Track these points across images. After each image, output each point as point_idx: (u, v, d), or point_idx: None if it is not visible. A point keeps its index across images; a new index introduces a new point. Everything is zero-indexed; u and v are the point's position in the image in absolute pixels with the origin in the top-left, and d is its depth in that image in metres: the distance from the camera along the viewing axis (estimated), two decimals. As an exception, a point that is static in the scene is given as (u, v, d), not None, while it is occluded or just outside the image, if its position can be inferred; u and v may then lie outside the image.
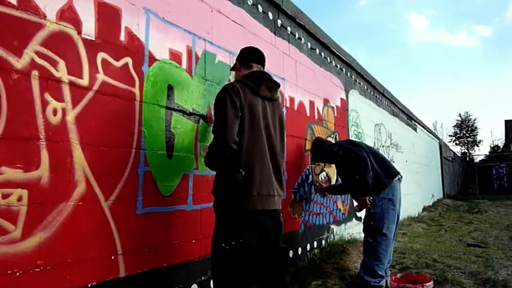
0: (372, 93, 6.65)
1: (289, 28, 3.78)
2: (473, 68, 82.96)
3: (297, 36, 3.95)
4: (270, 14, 3.45)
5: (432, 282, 2.75)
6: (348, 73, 5.44)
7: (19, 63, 1.53)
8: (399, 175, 3.30)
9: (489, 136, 78.36)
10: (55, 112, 1.65)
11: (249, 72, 2.13)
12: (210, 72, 2.61)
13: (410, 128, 9.87)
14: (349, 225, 4.99)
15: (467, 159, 31.24)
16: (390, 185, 3.17)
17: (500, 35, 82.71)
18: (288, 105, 3.60)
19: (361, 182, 3.05)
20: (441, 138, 21.03)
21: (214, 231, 1.99)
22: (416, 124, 10.72)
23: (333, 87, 4.83)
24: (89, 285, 1.74)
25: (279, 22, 3.60)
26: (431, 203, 11.60)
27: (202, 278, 2.39)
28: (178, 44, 2.35)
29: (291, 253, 3.46)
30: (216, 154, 1.90)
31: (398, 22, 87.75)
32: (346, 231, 4.82)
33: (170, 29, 2.30)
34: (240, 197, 1.89)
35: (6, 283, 1.45)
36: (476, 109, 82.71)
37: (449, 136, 42.77)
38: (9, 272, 1.46)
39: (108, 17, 1.91)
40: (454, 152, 24.18)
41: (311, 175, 4.02)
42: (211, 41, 2.65)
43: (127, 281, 1.91)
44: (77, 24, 1.76)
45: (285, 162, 3.27)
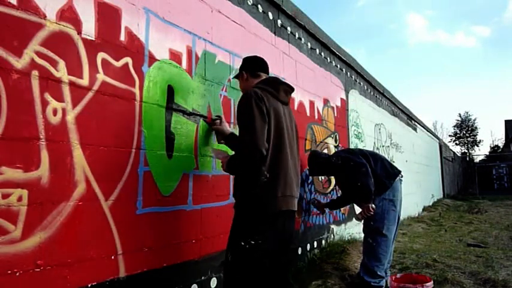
0: (372, 93, 6.65)
1: (289, 28, 3.78)
2: (473, 68, 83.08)
3: (297, 36, 3.95)
4: (270, 14, 3.45)
5: (432, 282, 2.75)
6: (348, 73, 5.44)
7: (19, 63, 1.53)
8: (400, 175, 3.30)
9: (489, 136, 78.44)
10: (55, 112, 1.65)
11: (262, 79, 2.15)
12: (210, 72, 2.61)
13: (410, 128, 9.87)
14: (349, 225, 4.99)
15: (467, 159, 31.25)
16: (392, 186, 3.17)
17: (499, 36, 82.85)
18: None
19: (363, 189, 3.02)
20: (441, 138, 21.02)
21: (232, 228, 2.00)
22: (416, 124, 10.72)
23: (333, 87, 4.83)
24: (89, 285, 1.74)
25: (279, 22, 3.60)
26: (431, 203, 11.60)
27: (202, 278, 2.39)
28: (178, 44, 2.35)
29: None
30: (247, 160, 1.90)
31: (397, 22, 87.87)
32: (346, 231, 4.82)
33: (170, 29, 2.30)
34: (266, 198, 1.91)
35: (6, 283, 1.45)
36: (476, 109, 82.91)
37: (449, 136, 42.82)
38: (9, 272, 1.46)
39: (108, 17, 1.91)
40: (454, 152, 24.18)
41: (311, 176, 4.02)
42: (211, 41, 2.65)
43: (127, 281, 1.91)
44: (77, 24, 1.76)
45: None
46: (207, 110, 2.56)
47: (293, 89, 2.22)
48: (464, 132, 42.44)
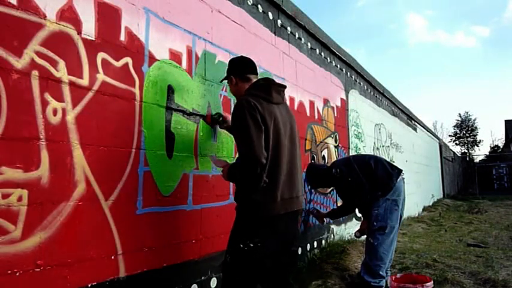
0: (372, 93, 6.65)
1: (289, 28, 3.78)
2: (473, 68, 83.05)
3: (297, 36, 3.95)
4: (270, 14, 3.45)
5: (432, 282, 2.75)
6: (348, 73, 5.44)
7: (19, 63, 1.53)
8: (402, 174, 3.31)
9: (489, 136, 78.40)
10: (55, 112, 1.65)
11: (253, 83, 2.10)
12: (210, 72, 2.61)
13: (410, 128, 9.87)
14: (349, 225, 4.99)
15: (467, 159, 31.24)
16: (395, 186, 3.18)
17: (498, 36, 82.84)
18: (288, 105, 3.59)
19: (359, 206, 3.16)
20: (441, 138, 21.02)
21: (233, 229, 2.00)
22: (416, 124, 10.72)
23: (333, 87, 4.83)
24: (89, 285, 1.74)
25: (279, 22, 3.60)
26: (431, 203, 11.60)
27: (202, 278, 2.39)
28: (178, 44, 2.35)
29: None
30: (247, 172, 1.88)
31: (397, 22, 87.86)
32: (346, 231, 4.82)
33: (170, 29, 2.30)
34: (264, 203, 1.90)
35: (6, 283, 1.45)
36: (476, 109, 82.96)
37: (449, 136, 42.83)
38: (9, 272, 1.46)
39: (108, 17, 1.91)
40: (454, 152, 24.18)
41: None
42: (211, 41, 2.65)
43: (127, 281, 1.91)
44: (77, 24, 1.76)
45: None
46: (207, 110, 2.56)
47: (285, 87, 2.18)
48: (464, 132, 42.45)
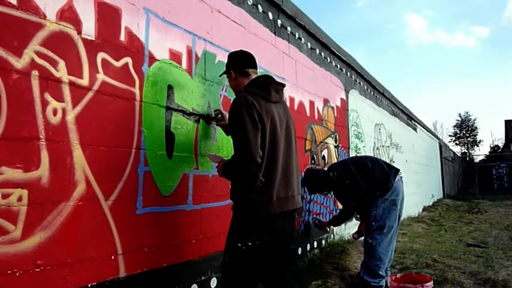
0: (372, 93, 6.65)
1: (289, 28, 3.78)
2: (473, 68, 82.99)
3: (297, 36, 3.95)
4: (270, 14, 3.45)
5: (432, 282, 2.75)
6: (348, 73, 5.44)
7: (19, 63, 1.53)
8: (399, 174, 3.31)
9: (489, 136, 78.39)
10: (55, 112, 1.65)
11: (252, 80, 2.08)
12: (210, 72, 2.61)
13: (410, 128, 9.87)
14: (349, 225, 4.99)
15: (467, 159, 31.23)
16: (393, 186, 3.18)
17: (498, 36, 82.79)
18: (288, 105, 3.59)
19: (358, 208, 3.20)
20: (441, 138, 21.02)
21: (230, 229, 1.99)
22: (416, 124, 10.72)
23: (333, 87, 4.83)
24: (89, 285, 1.74)
25: (279, 22, 3.60)
26: (431, 203, 11.60)
27: (202, 278, 2.39)
28: (178, 44, 2.35)
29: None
30: (242, 170, 1.87)
31: (397, 22, 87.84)
32: (346, 231, 4.82)
33: (170, 29, 2.30)
34: (260, 202, 1.89)
35: (6, 283, 1.45)
36: (476, 109, 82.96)
37: (449, 136, 42.81)
38: (9, 272, 1.46)
39: (108, 17, 1.91)
40: (454, 152, 24.18)
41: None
42: (211, 41, 2.65)
43: (127, 281, 1.91)
44: (77, 24, 1.76)
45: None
46: (207, 110, 2.57)
47: (284, 85, 2.16)
48: (464, 132, 42.44)
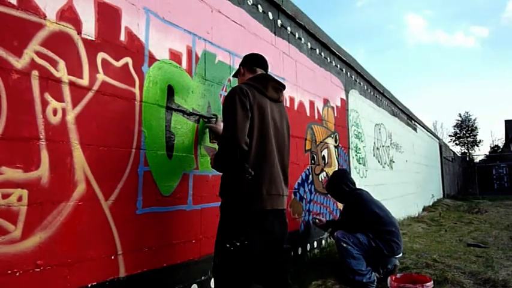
0: (372, 93, 6.64)
1: (289, 28, 3.78)
2: (472, 68, 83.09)
3: (297, 36, 3.95)
4: (270, 14, 3.45)
5: (432, 282, 2.75)
6: (348, 73, 5.44)
7: (19, 63, 1.53)
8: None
9: (489, 136, 78.47)
10: (55, 112, 1.65)
11: (254, 75, 2.13)
12: (210, 72, 2.61)
13: (410, 128, 9.87)
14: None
15: (467, 159, 31.23)
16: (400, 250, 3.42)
17: (497, 36, 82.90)
18: (288, 105, 3.60)
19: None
20: (441, 138, 21.02)
21: (218, 230, 1.97)
22: (416, 124, 10.72)
23: (333, 87, 4.83)
24: (89, 285, 1.74)
25: (279, 22, 3.60)
26: (431, 203, 11.59)
27: (202, 278, 2.39)
28: (178, 44, 2.35)
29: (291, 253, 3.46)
30: (227, 155, 1.87)
31: (396, 23, 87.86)
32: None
33: (170, 29, 2.30)
34: (250, 197, 1.87)
35: (6, 283, 1.45)
36: (476, 109, 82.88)
37: (449, 136, 42.86)
38: (9, 272, 1.46)
39: (108, 17, 1.91)
40: (454, 152, 24.17)
41: (311, 175, 4.02)
42: (211, 41, 2.65)
43: (127, 281, 1.91)
44: (77, 24, 1.76)
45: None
46: (207, 110, 2.56)
47: (284, 86, 2.17)
48: (464, 132, 42.47)
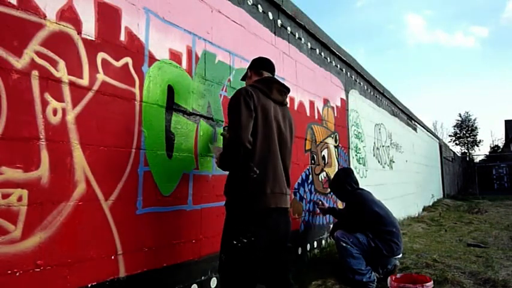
0: (372, 93, 6.64)
1: (289, 28, 3.78)
2: (472, 68, 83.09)
3: (297, 36, 3.95)
4: (270, 14, 3.45)
5: (432, 282, 2.75)
6: (348, 73, 5.43)
7: (19, 63, 1.53)
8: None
9: (489, 136, 78.47)
10: (55, 112, 1.65)
11: (260, 78, 2.18)
12: (210, 72, 2.61)
13: (410, 128, 9.86)
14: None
15: (467, 159, 31.23)
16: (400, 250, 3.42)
17: (497, 36, 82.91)
18: (288, 105, 3.59)
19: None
20: (441, 138, 21.01)
21: (224, 228, 1.99)
22: (416, 124, 10.72)
23: (333, 87, 4.83)
24: (89, 285, 1.74)
25: (279, 22, 3.60)
26: (431, 203, 11.59)
27: (202, 278, 2.39)
28: (178, 44, 2.35)
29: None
30: (231, 154, 1.92)
31: (396, 23, 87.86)
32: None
33: (170, 29, 2.30)
34: (254, 195, 1.91)
35: (6, 283, 1.45)
36: (476, 109, 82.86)
37: (449, 136, 42.86)
38: (9, 272, 1.46)
39: (108, 17, 1.91)
40: (454, 152, 24.17)
41: (311, 175, 4.02)
42: (211, 41, 2.65)
43: (127, 281, 1.91)
44: (77, 24, 1.76)
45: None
46: (207, 110, 2.56)
47: (288, 90, 2.22)
48: (464, 132, 42.47)
